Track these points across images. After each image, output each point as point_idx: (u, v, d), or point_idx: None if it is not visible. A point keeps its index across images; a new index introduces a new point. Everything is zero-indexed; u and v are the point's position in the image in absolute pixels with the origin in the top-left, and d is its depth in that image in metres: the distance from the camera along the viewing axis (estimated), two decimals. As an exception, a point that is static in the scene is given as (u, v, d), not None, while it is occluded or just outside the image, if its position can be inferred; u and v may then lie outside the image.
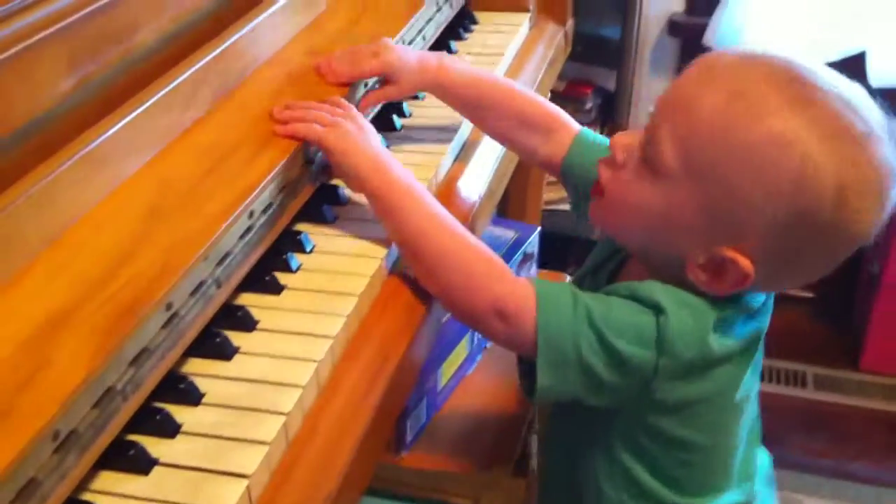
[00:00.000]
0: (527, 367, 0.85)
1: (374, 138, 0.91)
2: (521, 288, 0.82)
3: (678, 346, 0.79)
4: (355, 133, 0.88)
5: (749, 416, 0.90)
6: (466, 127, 1.12)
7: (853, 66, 2.03)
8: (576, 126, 1.03)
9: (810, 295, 2.31)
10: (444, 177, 1.04)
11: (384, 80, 1.02)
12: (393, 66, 1.00)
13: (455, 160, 1.08)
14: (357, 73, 1.00)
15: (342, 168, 0.88)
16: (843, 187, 0.74)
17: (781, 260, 0.79)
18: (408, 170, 0.89)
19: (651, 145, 0.80)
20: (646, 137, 0.82)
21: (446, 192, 1.02)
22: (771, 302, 0.88)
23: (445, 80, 1.03)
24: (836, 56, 2.02)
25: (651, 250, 0.85)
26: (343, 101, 0.93)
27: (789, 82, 0.75)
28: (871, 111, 0.77)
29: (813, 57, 0.81)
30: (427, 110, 1.15)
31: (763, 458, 0.99)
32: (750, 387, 0.87)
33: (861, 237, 0.78)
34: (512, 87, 1.05)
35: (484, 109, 1.04)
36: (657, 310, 0.79)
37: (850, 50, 2.02)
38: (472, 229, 1.00)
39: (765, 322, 0.86)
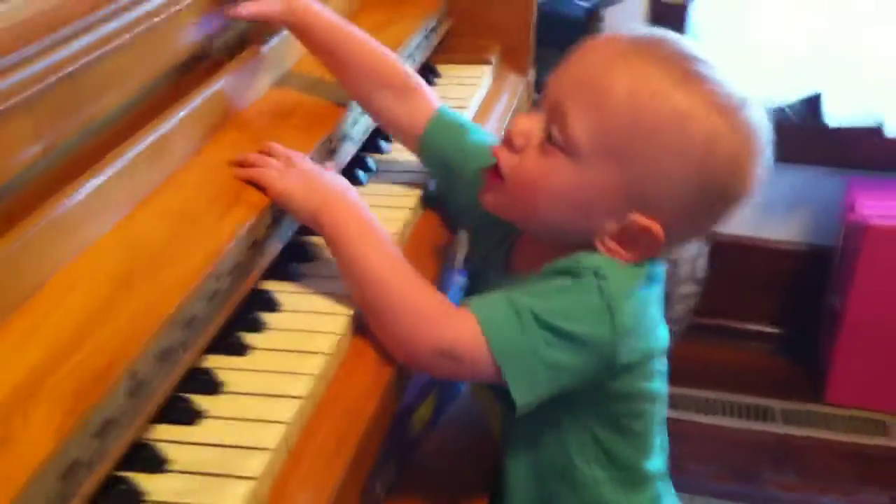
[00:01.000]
0: (498, 390, 0.86)
1: (324, 175, 0.92)
2: (464, 323, 0.83)
3: (624, 306, 0.83)
4: (302, 175, 0.90)
5: None
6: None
7: (809, 108, 2.08)
8: (435, 100, 1.07)
9: (775, 330, 2.34)
10: (411, 227, 1.06)
11: None
12: None
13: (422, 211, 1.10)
14: None
15: (293, 209, 0.89)
16: (737, 152, 0.83)
17: (687, 223, 0.86)
18: (363, 203, 0.90)
19: (560, 126, 0.84)
20: (549, 119, 0.85)
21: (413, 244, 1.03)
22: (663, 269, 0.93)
23: (312, 18, 1.05)
24: (794, 98, 2.07)
25: (559, 228, 0.88)
26: (292, 151, 0.94)
27: (681, 61, 0.83)
28: (737, 81, 0.85)
29: (771, 98, 0.87)
30: (393, 164, 1.17)
31: None
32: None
33: (749, 196, 0.87)
34: (371, 43, 1.07)
35: (343, 61, 1.06)
36: (597, 275, 0.83)
37: (807, 92, 2.07)
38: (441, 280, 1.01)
39: (663, 285, 0.92)
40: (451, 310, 0.85)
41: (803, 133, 2.10)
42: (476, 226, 1.04)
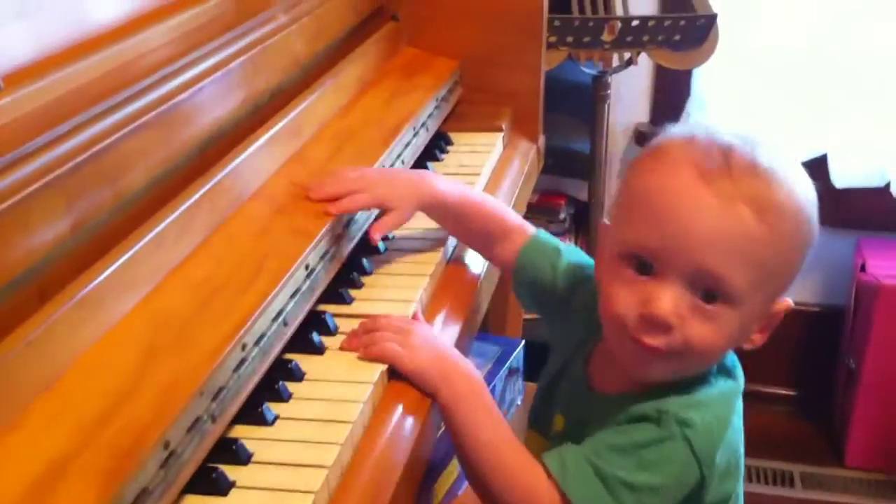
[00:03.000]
0: None
1: (441, 343, 0.96)
2: (556, 498, 0.85)
3: (715, 455, 0.85)
4: (427, 348, 0.93)
5: None
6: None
7: (815, 168, 2.10)
8: (531, 229, 1.10)
9: (792, 392, 2.33)
10: (428, 300, 1.07)
11: (382, 211, 1.07)
12: (386, 198, 1.06)
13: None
14: (353, 208, 1.04)
15: (416, 382, 0.92)
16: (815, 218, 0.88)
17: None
18: (473, 369, 0.93)
19: (721, 288, 0.83)
20: (694, 285, 0.84)
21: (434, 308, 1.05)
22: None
23: (441, 199, 1.08)
24: (800, 159, 2.09)
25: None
26: (405, 318, 0.97)
27: (767, 167, 0.85)
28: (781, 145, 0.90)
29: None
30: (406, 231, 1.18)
31: None
32: None
33: None
34: (484, 203, 1.11)
35: (463, 224, 1.11)
36: (681, 424, 0.85)
37: (813, 153, 2.10)
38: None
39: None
40: (545, 485, 0.86)
41: (811, 194, 2.12)
42: (557, 335, 1.08)
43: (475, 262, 1.17)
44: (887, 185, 2.11)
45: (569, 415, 0.98)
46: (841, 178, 2.11)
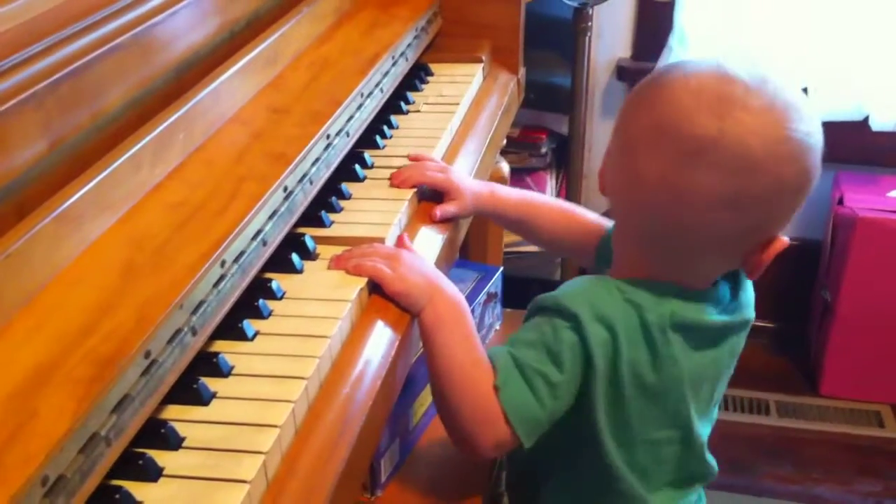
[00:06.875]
0: None
1: (428, 267, 0.98)
2: (501, 423, 0.92)
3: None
4: (411, 271, 0.95)
5: None
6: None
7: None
8: (607, 223, 1.13)
9: (768, 325, 2.36)
10: (405, 225, 1.08)
11: (445, 195, 1.12)
12: (454, 185, 1.12)
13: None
14: (425, 181, 1.11)
15: (402, 303, 0.94)
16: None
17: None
18: (458, 295, 0.97)
19: None
20: None
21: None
22: None
23: (501, 205, 1.15)
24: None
25: None
26: (393, 247, 0.98)
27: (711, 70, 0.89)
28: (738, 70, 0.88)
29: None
30: (389, 160, 1.19)
31: None
32: None
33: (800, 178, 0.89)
34: (551, 207, 1.18)
35: (530, 229, 1.18)
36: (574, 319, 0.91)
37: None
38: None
39: None
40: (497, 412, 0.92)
41: (790, 128, 2.12)
42: None
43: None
44: (865, 119, 2.13)
45: None
46: (820, 111, 2.12)
